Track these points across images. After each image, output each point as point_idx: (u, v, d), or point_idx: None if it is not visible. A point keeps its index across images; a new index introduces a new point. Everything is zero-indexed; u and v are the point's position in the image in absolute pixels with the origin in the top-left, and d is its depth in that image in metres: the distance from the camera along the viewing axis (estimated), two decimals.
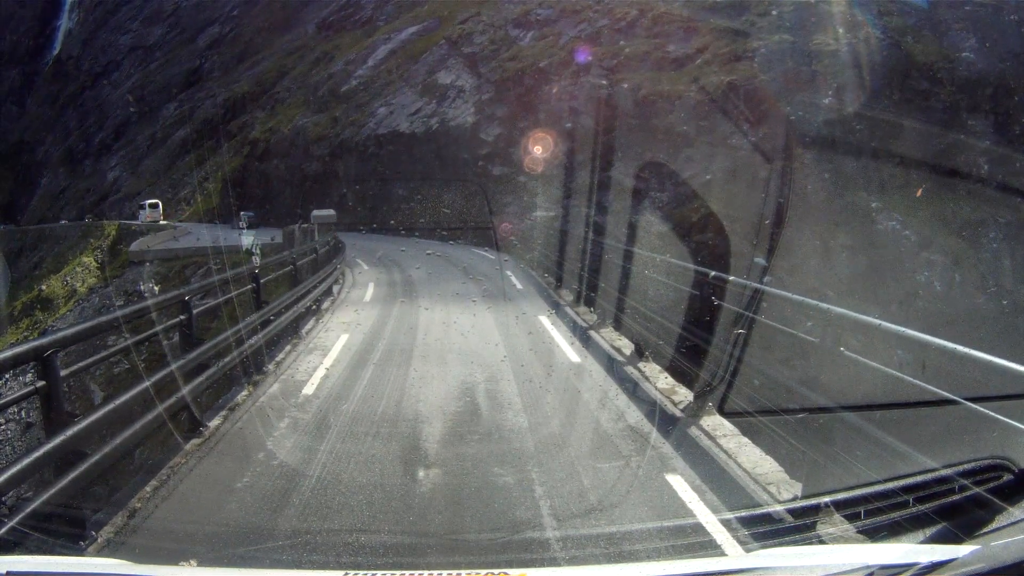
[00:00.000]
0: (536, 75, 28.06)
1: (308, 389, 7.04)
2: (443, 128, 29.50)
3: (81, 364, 5.43)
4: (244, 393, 7.02)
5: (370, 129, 32.42)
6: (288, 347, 9.16)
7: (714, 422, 5.89)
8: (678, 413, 6.32)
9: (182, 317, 6.33)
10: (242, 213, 34.45)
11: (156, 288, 23.92)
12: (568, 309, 11.82)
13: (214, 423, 6.18)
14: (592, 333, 9.75)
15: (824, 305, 5.33)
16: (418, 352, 8.85)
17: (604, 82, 24.62)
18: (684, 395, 6.75)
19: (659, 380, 7.35)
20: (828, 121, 20.60)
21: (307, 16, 59.72)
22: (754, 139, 20.95)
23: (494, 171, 27.06)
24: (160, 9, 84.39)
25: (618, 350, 8.73)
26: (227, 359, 6.96)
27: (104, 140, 78.51)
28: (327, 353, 8.70)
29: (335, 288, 14.78)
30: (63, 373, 4.23)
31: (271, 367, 8.07)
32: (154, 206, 39.31)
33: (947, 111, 21.34)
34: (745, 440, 5.48)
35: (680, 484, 4.65)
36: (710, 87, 21.84)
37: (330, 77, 40.43)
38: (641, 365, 7.88)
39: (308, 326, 10.61)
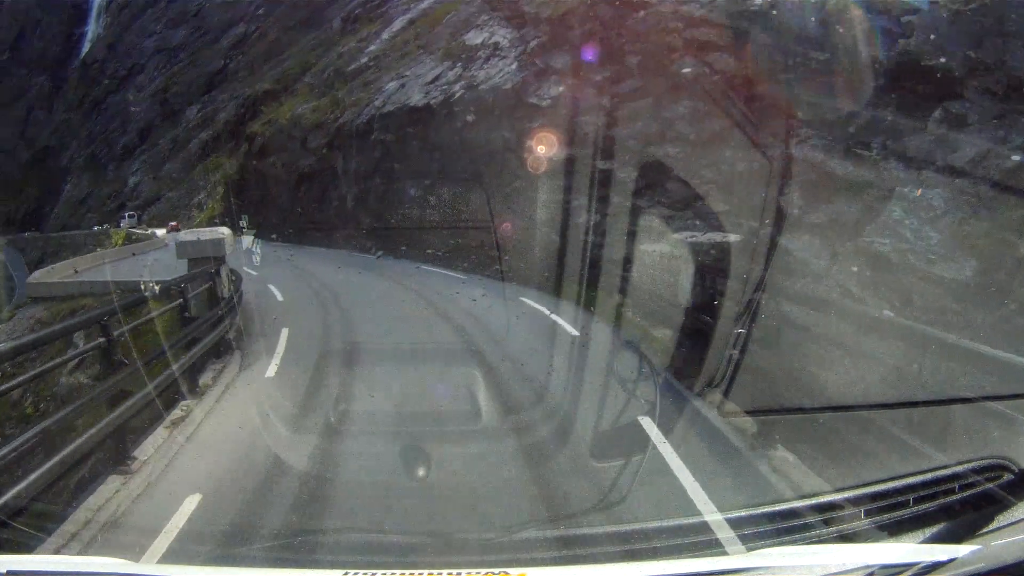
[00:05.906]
0: None
1: None
2: (472, 95, 20.72)
3: None
4: None
5: (375, 108, 25.84)
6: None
7: None
8: None
9: None
10: (242, 220, 31.50)
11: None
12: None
13: None
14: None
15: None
16: None
17: None
18: None
19: None
20: None
21: (333, 12, 57.63)
22: None
23: (546, 154, 16.55)
24: (184, 10, 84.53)
25: None
26: None
27: (127, 144, 78.63)
28: None
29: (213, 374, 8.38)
30: None
31: None
32: (131, 216, 48.35)
33: None
34: None
35: None
36: None
37: (339, 56, 35.31)
38: None
39: (105, 495, 4.90)
